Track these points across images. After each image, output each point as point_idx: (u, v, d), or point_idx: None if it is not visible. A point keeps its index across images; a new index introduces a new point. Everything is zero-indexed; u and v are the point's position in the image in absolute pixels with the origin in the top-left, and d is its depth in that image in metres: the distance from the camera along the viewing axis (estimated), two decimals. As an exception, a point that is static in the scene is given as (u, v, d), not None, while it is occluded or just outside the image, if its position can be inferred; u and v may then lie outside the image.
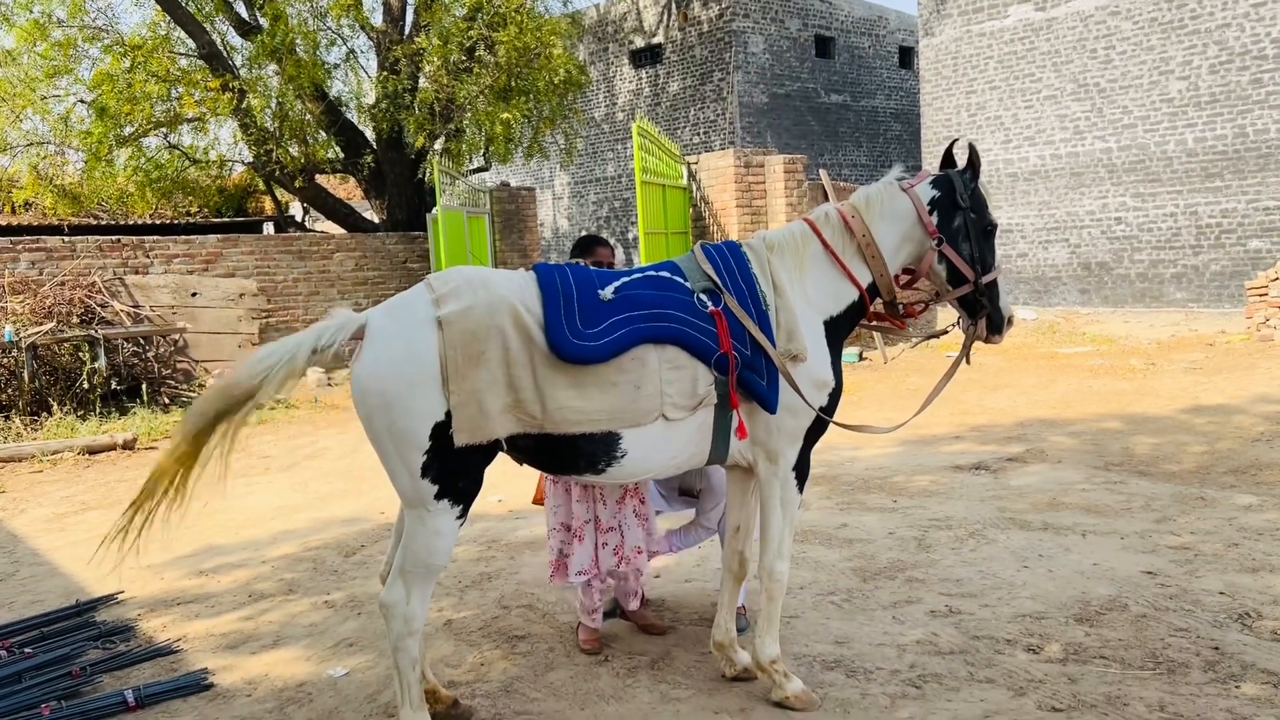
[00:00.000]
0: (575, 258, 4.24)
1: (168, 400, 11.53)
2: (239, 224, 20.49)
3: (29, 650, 4.29)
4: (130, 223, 18.92)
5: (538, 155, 17.55)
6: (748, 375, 3.25)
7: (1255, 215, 15.37)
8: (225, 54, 15.92)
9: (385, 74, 15.47)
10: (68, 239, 13.07)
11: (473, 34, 15.30)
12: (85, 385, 10.83)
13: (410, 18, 16.41)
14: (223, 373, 11.90)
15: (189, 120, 16.05)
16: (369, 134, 16.89)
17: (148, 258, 13.41)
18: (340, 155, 16.94)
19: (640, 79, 24.94)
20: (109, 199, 18.29)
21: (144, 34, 15.64)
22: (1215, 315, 15.59)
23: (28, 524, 6.85)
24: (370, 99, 16.44)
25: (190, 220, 20.39)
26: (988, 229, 3.56)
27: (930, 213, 3.51)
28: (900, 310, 3.64)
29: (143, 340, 11.85)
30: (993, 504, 6.05)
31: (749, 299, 3.31)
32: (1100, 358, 13.13)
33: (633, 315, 3.16)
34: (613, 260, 4.24)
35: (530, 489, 6.70)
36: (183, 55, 15.94)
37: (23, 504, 7.47)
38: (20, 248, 12.52)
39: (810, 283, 3.46)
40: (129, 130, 15.37)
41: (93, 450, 9.25)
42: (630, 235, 24.06)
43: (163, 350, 12.14)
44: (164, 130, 16.18)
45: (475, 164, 18.10)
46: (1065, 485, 6.43)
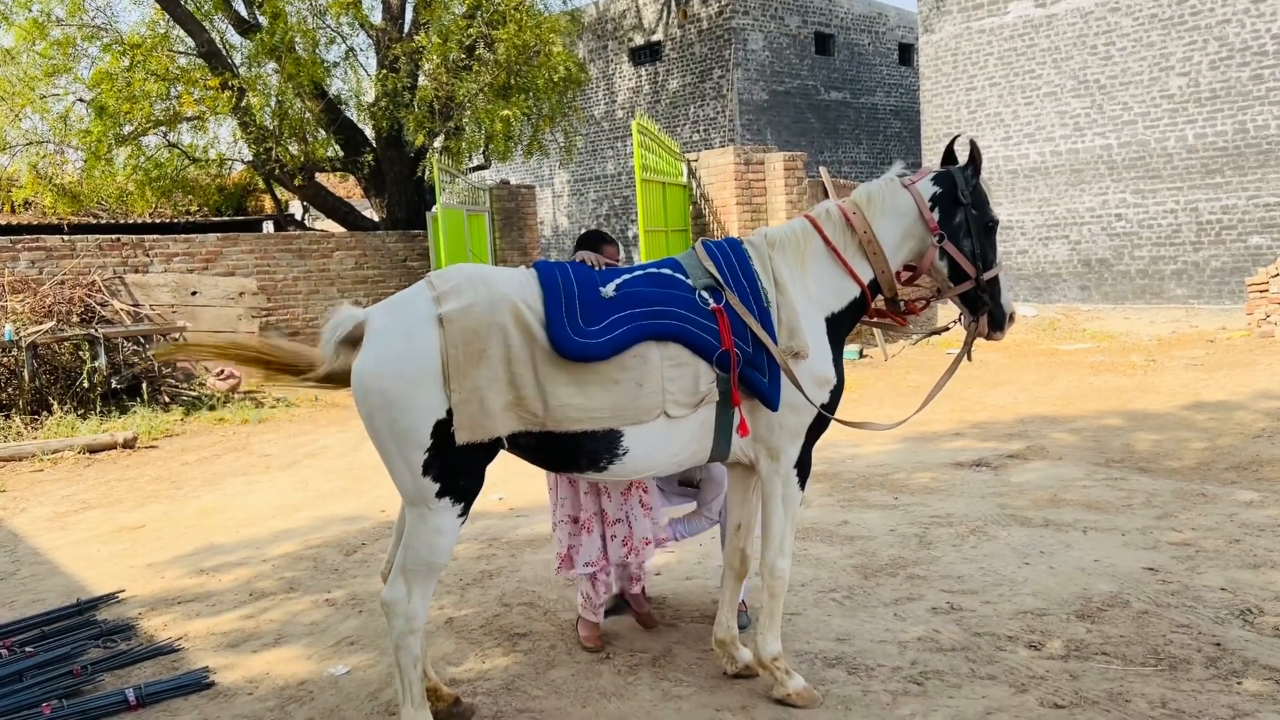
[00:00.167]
0: (580, 252, 4.21)
1: (168, 399, 11.52)
2: (239, 223, 20.48)
3: (30, 649, 4.29)
4: (130, 221, 18.91)
5: (537, 153, 17.53)
6: (750, 372, 3.24)
7: (1255, 211, 15.36)
8: (224, 52, 15.90)
9: (385, 72, 15.46)
10: (67, 238, 13.06)
11: (472, 31, 15.29)
12: (85, 384, 10.82)
13: (409, 15, 16.39)
14: (226, 372, 11.89)
15: (188, 119, 16.03)
16: (368, 132, 16.87)
17: (147, 256, 13.40)
18: (340, 153, 16.93)
19: (640, 76, 24.93)
20: (108, 198, 18.28)
21: (143, 32, 15.62)
22: (1216, 311, 15.58)
23: (28, 523, 6.85)
24: (370, 97, 16.42)
25: (190, 219, 20.39)
26: (989, 225, 3.55)
27: (932, 209, 3.50)
28: (902, 307, 3.63)
29: (143, 339, 11.85)
30: (994, 501, 6.05)
31: (750, 296, 3.31)
32: (1101, 354, 13.12)
33: (634, 312, 3.16)
34: (618, 258, 4.21)
35: (532, 488, 6.73)
36: (182, 54, 15.92)
37: (23, 503, 7.47)
38: (20, 247, 12.51)
39: (812, 279, 3.45)
40: (128, 129, 15.36)
41: (93, 449, 9.24)
42: (630, 233, 24.05)
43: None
44: (163, 129, 16.16)
45: (475, 162, 18.08)
46: (1066, 482, 6.43)
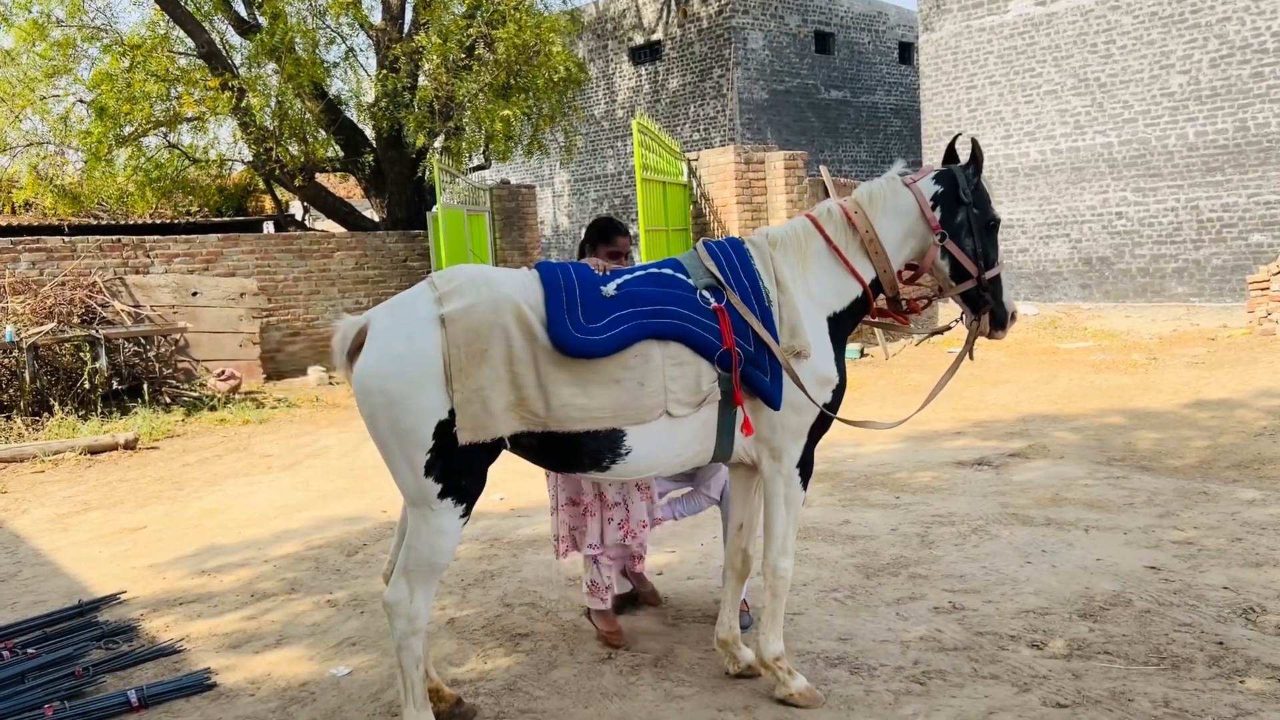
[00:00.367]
0: (591, 243, 4.18)
1: (169, 400, 11.52)
2: (239, 223, 20.48)
3: (32, 651, 4.29)
4: (130, 222, 18.92)
5: (538, 153, 17.54)
6: (751, 371, 3.24)
7: (1256, 209, 15.35)
8: (224, 53, 15.91)
9: (384, 72, 15.46)
10: (68, 239, 13.06)
11: (472, 31, 15.29)
12: (86, 385, 10.82)
13: (409, 15, 16.40)
14: (227, 372, 11.88)
15: (188, 119, 16.05)
16: (369, 132, 16.88)
17: (148, 257, 13.40)
18: (340, 154, 16.94)
19: (640, 76, 24.92)
20: (109, 199, 18.29)
21: (143, 33, 15.64)
22: (1217, 310, 15.57)
23: (30, 524, 6.85)
24: (370, 97, 16.43)
25: (190, 220, 20.39)
26: (990, 224, 3.55)
27: (933, 208, 3.50)
28: (904, 306, 3.62)
29: (144, 340, 11.85)
30: (995, 500, 6.04)
31: (752, 295, 3.30)
32: (1102, 353, 13.12)
33: (635, 311, 3.15)
34: (629, 247, 4.19)
35: (534, 488, 6.72)
36: (182, 54, 15.93)
37: (25, 504, 7.47)
38: (21, 248, 12.52)
39: (813, 278, 3.45)
40: (128, 130, 15.37)
41: (94, 450, 9.24)
42: (631, 232, 24.06)
43: (164, 350, 12.13)
44: (163, 130, 16.18)
45: (475, 162, 18.09)
46: (1068, 480, 6.42)
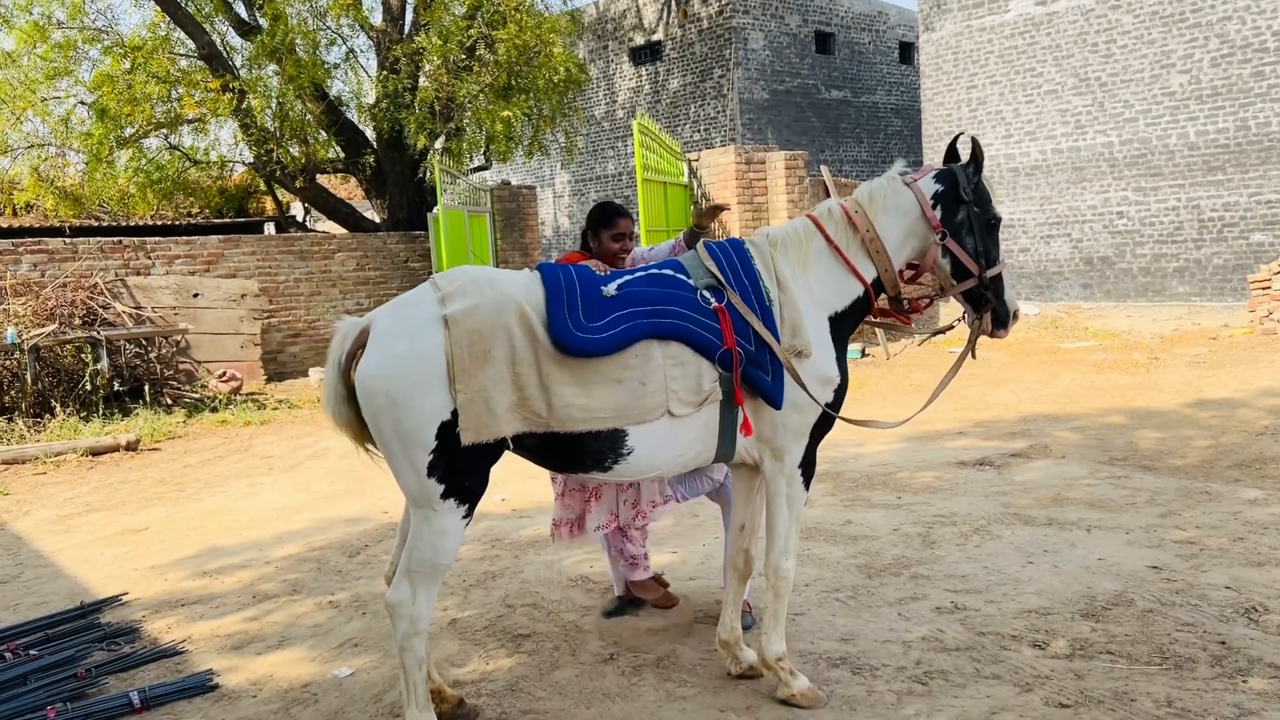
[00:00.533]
0: (593, 229, 4.18)
1: (170, 401, 11.52)
2: (240, 225, 20.48)
3: (34, 652, 4.29)
4: (131, 224, 18.92)
5: (538, 154, 17.54)
6: (752, 371, 3.24)
7: (1257, 209, 15.34)
8: (225, 54, 15.91)
9: (385, 73, 15.46)
10: (69, 241, 13.07)
11: (472, 32, 15.29)
12: (88, 387, 10.82)
13: (410, 16, 16.41)
14: (229, 373, 11.89)
15: (189, 121, 16.05)
16: (369, 133, 16.88)
17: (149, 259, 13.41)
18: (341, 155, 16.94)
19: (640, 76, 24.92)
20: (110, 200, 18.31)
21: (144, 35, 15.64)
22: (1218, 309, 15.56)
23: (32, 526, 6.85)
24: (370, 98, 16.43)
25: (191, 221, 20.40)
26: (991, 223, 3.55)
27: (934, 207, 3.50)
28: (905, 305, 3.62)
29: (145, 341, 11.85)
30: (997, 500, 6.04)
31: (752, 295, 3.31)
32: (1103, 352, 13.11)
33: (636, 311, 3.16)
34: (632, 230, 4.19)
35: (535, 489, 6.72)
36: (183, 56, 15.94)
37: (26, 506, 7.47)
38: (22, 250, 12.52)
39: (814, 278, 3.45)
40: (129, 131, 15.38)
41: (96, 452, 9.24)
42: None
43: (165, 351, 12.14)
44: (164, 131, 16.19)
45: (476, 163, 18.09)
46: (1069, 480, 6.42)
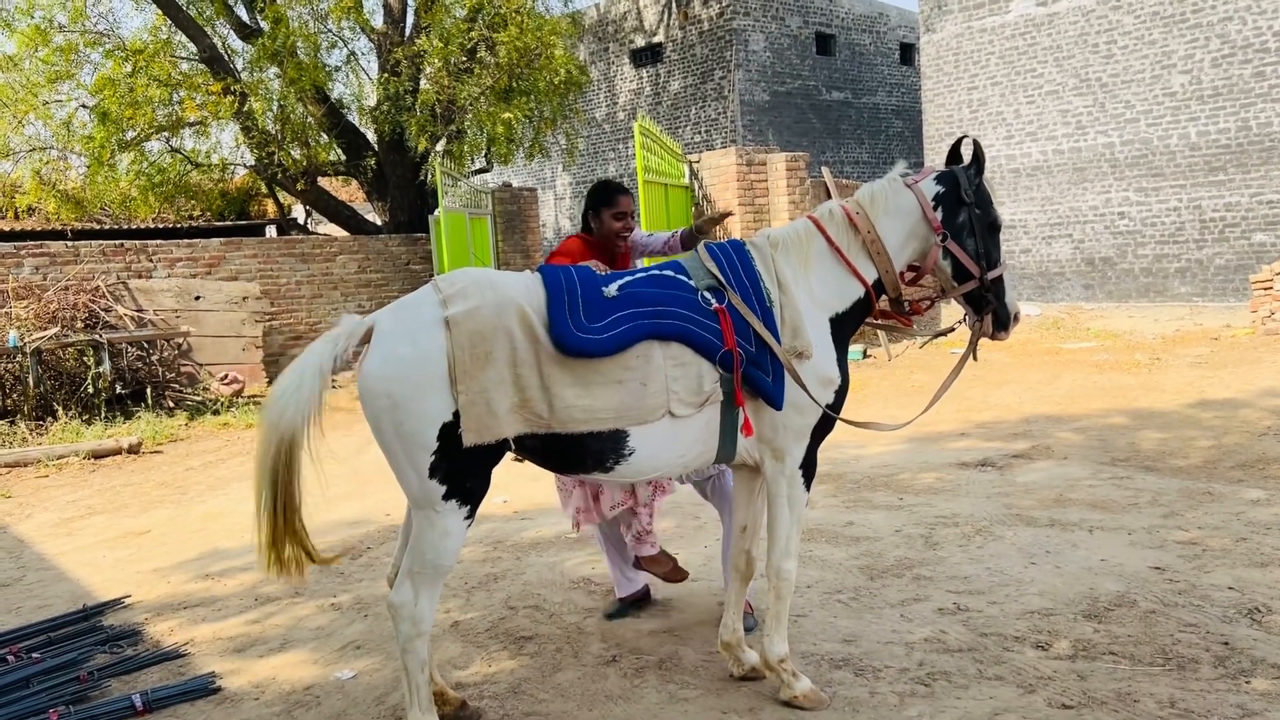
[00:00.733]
0: (594, 208, 4.16)
1: (172, 404, 11.53)
2: (241, 227, 20.51)
3: (36, 655, 4.29)
4: (133, 227, 18.94)
5: (539, 156, 17.55)
6: (753, 372, 3.25)
7: (1259, 209, 15.32)
8: (226, 57, 15.93)
9: (386, 76, 15.48)
10: (71, 244, 13.08)
11: (473, 35, 15.30)
12: (90, 389, 10.83)
13: (411, 19, 16.42)
14: (230, 376, 11.90)
15: (191, 124, 16.06)
16: (371, 136, 16.89)
17: (151, 262, 13.42)
18: (342, 158, 16.95)
19: (641, 78, 24.93)
20: (112, 203, 18.32)
21: (145, 38, 15.66)
22: (1220, 309, 15.54)
23: (34, 529, 6.85)
24: (372, 101, 16.44)
25: (193, 224, 20.42)
26: (993, 225, 3.55)
27: (935, 208, 3.50)
28: (906, 307, 3.63)
29: (147, 344, 11.86)
30: (999, 501, 6.03)
31: (753, 296, 3.31)
32: (1105, 353, 13.10)
33: (637, 311, 3.17)
34: (633, 208, 4.18)
35: (537, 491, 6.72)
36: (184, 59, 15.95)
37: (29, 509, 7.48)
38: (24, 253, 12.54)
39: (815, 279, 3.45)
40: (131, 135, 15.39)
41: (98, 454, 9.25)
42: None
43: (167, 354, 12.15)
44: (166, 134, 16.20)
45: (477, 165, 18.10)
46: (1072, 481, 6.41)
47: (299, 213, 23.75)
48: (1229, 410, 8.51)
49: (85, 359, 11.03)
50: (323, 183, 18.46)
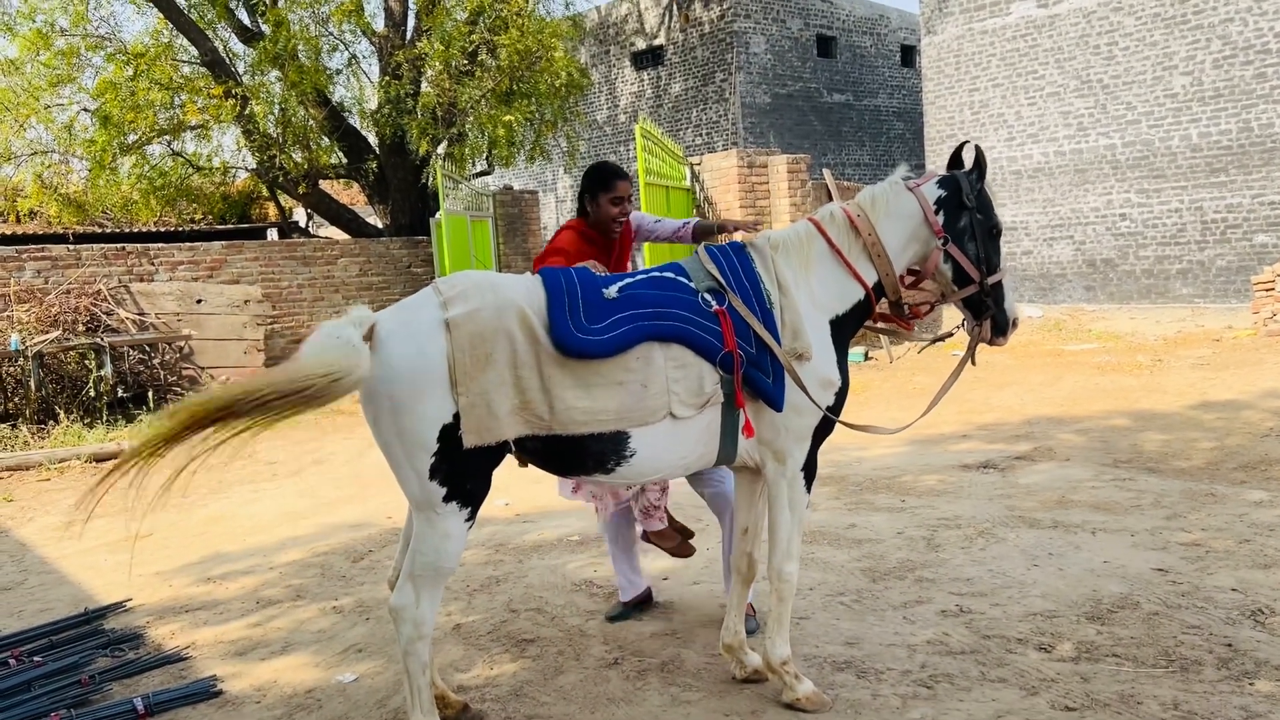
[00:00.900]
0: (591, 193, 4.02)
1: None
2: (243, 230, 20.51)
3: (38, 659, 4.29)
4: (134, 230, 18.96)
5: (540, 158, 17.55)
6: (753, 374, 3.25)
7: (1261, 210, 15.31)
8: (228, 61, 15.94)
9: (387, 79, 15.48)
10: (72, 247, 13.09)
11: (474, 38, 15.31)
12: (91, 393, 10.84)
13: (412, 22, 16.43)
14: (232, 379, 11.89)
15: (192, 127, 16.07)
16: (372, 139, 16.90)
17: (152, 265, 13.43)
18: (343, 161, 16.96)
19: (642, 81, 24.94)
20: (113, 207, 18.30)
21: (146, 42, 15.66)
22: (1222, 311, 15.53)
23: (35, 532, 6.85)
24: (373, 104, 16.45)
25: (194, 227, 20.42)
26: (993, 230, 3.56)
27: (936, 212, 3.51)
28: (906, 311, 3.63)
29: (148, 347, 11.87)
30: (1001, 502, 6.02)
31: (753, 298, 3.32)
32: (1107, 354, 13.09)
33: (637, 313, 3.17)
34: (631, 192, 4.07)
35: (539, 494, 6.72)
36: (185, 63, 15.96)
37: (30, 512, 7.48)
38: (26, 257, 12.55)
39: (816, 281, 3.46)
40: (132, 138, 15.40)
41: (100, 458, 9.25)
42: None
43: (168, 357, 12.15)
44: (167, 138, 16.20)
45: (478, 168, 18.11)
46: (1074, 483, 6.40)
47: (300, 216, 23.77)
48: (1231, 412, 8.50)
49: (87, 362, 11.04)
50: (324, 186, 18.47)
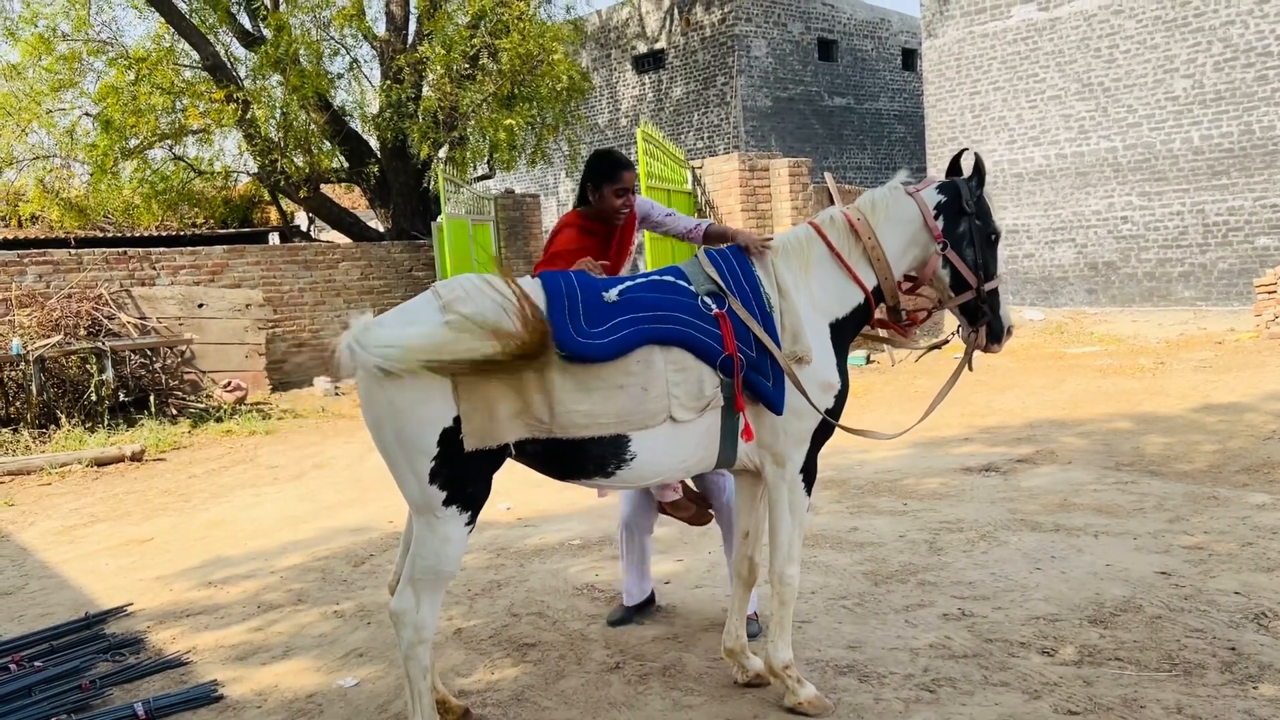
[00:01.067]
0: (594, 182, 3.91)
1: (175, 412, 11.53)
2: (244, 235, 20.52)
3: (38, 664, 4.28)
4: (136, 235, 18.96)
5: (541, 162, 17.58)
6: (753, 377, 3.25)
7: (1263, 212, 15.30)
8: (229, 65, 15.96)
9: (389, 83, 15.50)
10: (74, 252, 13.11)
11: (475, 42, 15.33)
12: (93, 397, 10.84)
13: (413, 27, 16.45)
14: (234, 383, 11.88)
15: (194, 132, 16.09)
16: (373, 143, 16.92)
17: (154, 269, 13.44)
18: (345, 165, 16.97)
19: (643, 84, 24.96)
20: (115, 211, 18.33)
21: (148, 46, 15.69)
22: (1224, 313, 15.51)
23: (36, 537, 6.85)
24: (374, 108, 16.47)
25: (196, 231, 20.42)
26: (992, 236, 3.58)
27: (936, 218, 3.52)
28: (903, 316, 3.64)
29: (150, 352, 11.87)
30: (1003, 506, 6.01)
31: (753, 301, 3.32)
32: (1109, 357, 13.07)
33: (637, 316, 3.16)
34: (635, 182, 3.98)
35: (540, 498, 6.71)
36: (187, 67, 15.99)
37: (31, 516, 7.48)
38: (27, 261, 12.56)
39: (815, 285, 3.46)
40: (134, 142, 15.42)
41: (101, 462, 9.25)
42: (636, 241, 24.05)
43: (170, 361, 12.15)
44: (169, 142, 16.23)
45: (479, 171, 18.12)
46: (1076, 486, 6.39)
47: (302, 220, 23.77)
48: (1234, 414, 8.48)
49: (88, 367, 11.04)
50: (325, 190, 18.48)
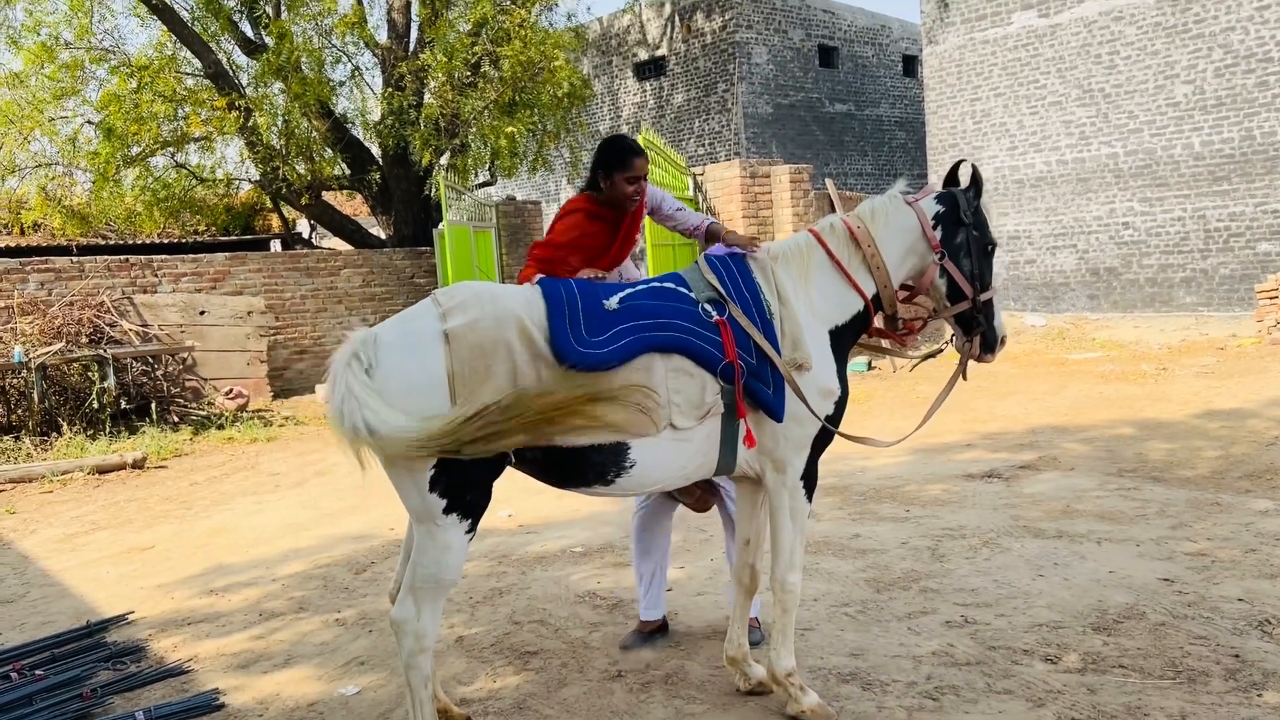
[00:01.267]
0: (606, 170, 3.81)
1: (177, 419, 11.53)
2: (246, 242, 20.53)
3: (39, 672, 4.27)
4: (138, 242, 18.99)
5: (543, 169, 17.60)
6: (754, 384, 3.24)
7: (1264, 218, 15.29)
8: (231, 73, 16.00)
9: (390, 90, 15.53)
10: (76, 259, 13.13)
11: (477, 49, 15.36)
12: (95, 405, 10.84)
13: (414, 34, 16.49)
14: (235, 390, 11.89)
15: (196, 139, 16.13)
16: (375, 150, 16.95)
17: (156, 277, 13.45)
18: (346, 172, 17.00)
19: (644, 91, 25.00)
20: (117, 219, 18.37)
21: (150, 54, 15.73)
22: (1225, 319, 15.50)
23: (38, 545, 6.84)
24: (376, 115, 16.50)
25: (198, 239, 20.45)
26: (988, 247, 3.60)
27: (934, 227, 3.54)
28: (900, 325, 3.65)
29: (151, 359, 11.87)
30: (1006, 512, 6.00)
31: (753, 308, 3.32)
32: (1110, 363, 13.06)
33: (638, 324, 3.16)
34: (647, 171, 3.86)
35: (541, 505, 6.71)
36: (189, 75, 16.02)
37: (33, 524, 7.47)
38: (29, 269, 12.58)
39: (815, 292, 3.47)
40: (136, 150, 15.46)
41: (103, 470, 9.24)
42: (637, 248, 24.06)
43: (171, 369, 12.16)
44: (171, 150, 16.27)
45: (481, 178, 18.15)
46: (1079, 492, 6.38)
47: (303, 227, 23.82)
48: (1236, 420, 8.47)
49: (90, 374, 11.04)
50: (327, 197, 18.51)
